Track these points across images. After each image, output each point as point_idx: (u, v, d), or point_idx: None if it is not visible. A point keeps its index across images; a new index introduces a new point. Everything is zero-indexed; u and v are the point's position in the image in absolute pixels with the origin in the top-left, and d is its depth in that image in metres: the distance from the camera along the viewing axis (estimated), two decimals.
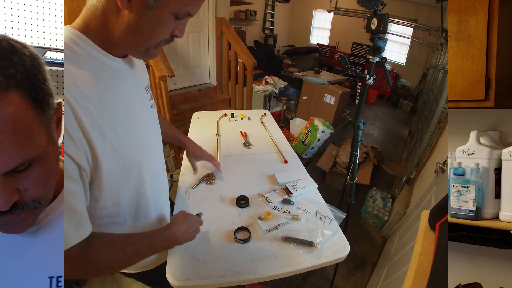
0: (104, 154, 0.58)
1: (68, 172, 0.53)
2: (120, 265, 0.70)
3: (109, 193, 0.65)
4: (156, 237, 0.74)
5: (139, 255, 0.69)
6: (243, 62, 2.92)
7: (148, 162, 0.73)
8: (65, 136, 0.51)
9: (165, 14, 0.56)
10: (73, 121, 0.52)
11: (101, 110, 0.57)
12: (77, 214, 0.56)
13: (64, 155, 0.52)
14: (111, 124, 0.60)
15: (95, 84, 0.57)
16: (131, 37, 0.58)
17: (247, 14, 6.38)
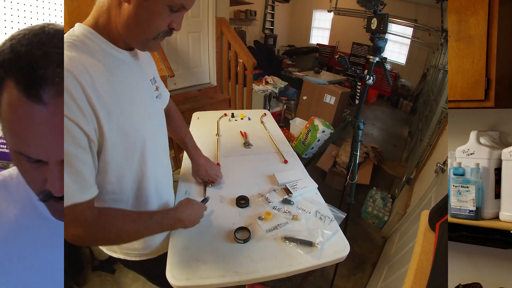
0: (109, 129, 0.63)
1: (77, 140, 0.57)
2: (129, 236, 0.74)
3: (113, 168, 0.68)
4: (164, 214, 0.81)
5: (147, 229, 0.76)
6: (243, 62, 2.92)
7: (151, 146, 0.77)
8: (75, 109, 0.56)
9: (160, 6, 0.60)
10: (82, 97, 0.57)
11: (108, 92, 0.62)
12: (82, 177, 0.60)
13: (74, 126, 0.56)
14: (117, 104, 0.64)
15: (104, 70, 0.63)
16: (131, 28, 0.63)
17: (247, 14, 6.39)
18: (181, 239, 0.87)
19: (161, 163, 0.87)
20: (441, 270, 0.80)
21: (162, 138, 0.87)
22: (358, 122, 1.70)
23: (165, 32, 0.65)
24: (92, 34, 0.64)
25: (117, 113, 0.64)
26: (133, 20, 0.61)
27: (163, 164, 0.89)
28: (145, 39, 0.65)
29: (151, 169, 0.79)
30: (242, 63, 2.94)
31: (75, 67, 0.57)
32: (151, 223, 0.76)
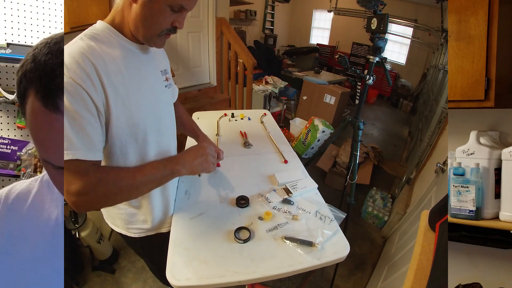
0: (115, 106, 0.71)
1: (88, 106, 0.65)
2: (128, 188, 0.75)
3: (118, 142, 0.76)
4: (165, 161, 0.83)
5: (145, 176, 0.77)
6: (243, 62, 2.92)
7: (155, 128, 0.85)
8: (88, 81, 0.65)
9: (162, 6, 0.70)
10: (94, 74, 0.66)
11: (118, 76, 0.72)
12: (90, 139, 0.67)
13: (85, 94, 0.64)
14: (124, 87, 0.73)
15: (118, 59, 0.73)
16: (138, 25, 0.73)
17: (247, 14, 6.38)
18: (181, 239, 0.87)
19: (166, 145, 0.93)
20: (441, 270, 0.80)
21: (168, 122, 0.95)
22: (358, 122, 1.70)
23: (168, 30, 0.75)
24: (110, 30, 0.75)
25: (123, 93, 0.72)
26: (139, 18, 0.71)
27: (169, 146, 0.95)
28: (150, 36, 0.75)
29: (154, 149, 0.86)
30: (242, 63, 2.94)
31: (91, 53, 0.67)
32: (153, 173, 0.78)
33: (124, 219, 0.95)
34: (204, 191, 1.09)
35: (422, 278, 0.86)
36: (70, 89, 0.63)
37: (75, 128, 0.64)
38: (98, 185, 0.69)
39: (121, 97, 0.72)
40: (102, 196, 0.71)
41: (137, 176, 0.76)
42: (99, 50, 0.69)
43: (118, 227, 0.99)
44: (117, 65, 0.72)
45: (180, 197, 1.06)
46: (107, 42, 0.73)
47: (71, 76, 0.63)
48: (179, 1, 0.70)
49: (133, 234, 0.98)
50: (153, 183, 0.80)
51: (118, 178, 0.73)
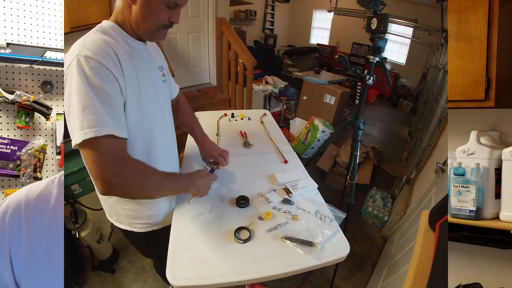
0: (130, 92, 0.78)
1: (117, 89, 0.73)
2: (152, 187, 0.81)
3: (128, 127, 0.79)
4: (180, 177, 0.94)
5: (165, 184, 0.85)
6: (243, 62, 2.92)
7: (158, 119, 0.92)
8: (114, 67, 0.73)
9: (158, 4, 0.78)
10: (116, 60, 0.74)
11: (129, 65, 0.79)
12: (119, 116, 0.74)
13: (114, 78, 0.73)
14: (135, 76, 0.81)
15: (125, 53, 0.79)
16: (139, 23, 0.81)
17: (247, 14, 6.38)
18: (181, 239, 0.87)
19: (167, 135, 1.00)
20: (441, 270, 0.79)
21: (167, 115, 1.01)
22: (358, 122, 1.70)
23: (166, 25, 0.83)
24: (116, 27, 0.83)
25: (134, 82, 0.80)
26: (139, 17, 0.79)
27: (169, 137, 1.02)
28: (151, 31, 0.83)
29: (159, 139, 0.93)
30: (242, 63, 2.94)
31: (111, 42, 0.76)
32: (171, 182, 0.87)
33: (130, 214, 0.97)
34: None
35: (422, 278, 0.86)
36: (100, 72, 0.69)
37: (107, 107, 0.70)
38: (136, 175, 0.76)
39: (132, 84, 0.79)
40: (136, 185, 0.77)
41: (166, 180, 0.85)
42: (114, 41, 0.78)
43: (123, 223, 1.00)
44: (128, 56, 0.80)
45: (181, 196, 1.06)
46: (115, 37, 0.81)
47: (99, 60, 0.69)
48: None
49: (138, 230, 1.00)
50: (171, 191, 0.91)
51: (152, 175, 0.80)
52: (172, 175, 0.90)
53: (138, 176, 0.76)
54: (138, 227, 1.00)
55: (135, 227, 1.00)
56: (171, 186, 0.87)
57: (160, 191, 0.85)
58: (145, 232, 1.01)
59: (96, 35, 0.76)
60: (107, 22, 0.83)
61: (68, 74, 0.70)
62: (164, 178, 0.84)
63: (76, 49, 0.71)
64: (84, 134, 0.66)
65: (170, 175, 0.89)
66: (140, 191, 0.80)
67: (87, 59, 0.69)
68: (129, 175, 0.73)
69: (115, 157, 0.71)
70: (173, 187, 0.88)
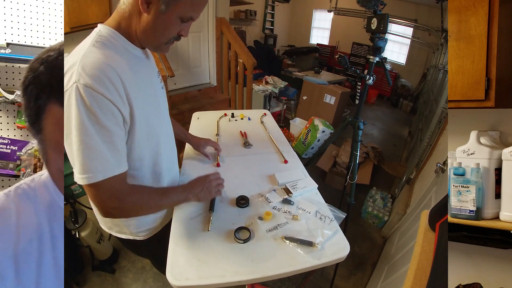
0: (137, 113, 0.76)
1: (117, 120, 0.70)
2: (155, 207, 0.88)
3: (137, 147, 0.81)
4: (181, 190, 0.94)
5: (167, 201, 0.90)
6: (243, 62, 2.92)
7: (163, 129, 0.93)
8: (116, 95, 0.68)
9: (173, 18, 0.73)
10: (121, 86, 0.70)
11: (134, 84, 0.75)
12: (119, 152, 0.73)
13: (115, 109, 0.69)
14: (140, 94, 0.77)
15: (128, 66, 0.76)
16: (148, 34, 0.76)
17: (247, 14, 6.38)
18: (181, 239, 0.87)
19: (170, 144, 1.02)
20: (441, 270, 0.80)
21: (168, 123, 1.02)
22: (358, 122, 1.70)
23: (175, 38, 0.80)
24: (116, 35, 0.76)
25: (141, 101, 0.77)
26: (150, 28, 0.74)
27: (171, 145, 1.03)
28: (159, 44, 0.79)
29: (164, 149, 0.94)
30: (242, 63, 2.94)
31: (114, 63, 0.70)
32: (174, 197, 0.91)
33: (133, 224, 0.98)
34: None
35: (422, 278, 0.86)
36: (102, 105, 0.65)
37: (108, 145, 0.68)
38: (135, 205, 0.80)
39: (140, 104, 0.77)
40: (133, 211, 0.84)
41: (163, 198, 0.88)
42: (117, 59, 0.73)
43: (126, 234, 1.01)
44: (131, 73, 0.75)
45: None
46: (116, 48, 0.75)
47: (101, 92, 0.65)
48: (190, 13, 0.74)
49: (142, 237, 1.02)
50: (169, 205, 0.95)
51: (148, 199, 0.83)
52: (168, 192, 0.92)
53: (134, 204, 0.80)
54: (142, 235, 1.01)
55: (139, 235, 1.01)
56: (167, 202, 0.91)
57: (158, 208, 0.92)
58: (148, 238, 1.02)
59: (96, 53, 0.69)
60: (106, 29, 0.75)
61: (67, 99, 0.63)
62: (160, 196, 0.87)
63: (75, 72, 0.64)
64: (87, 178, 0.68)
65: (167, 192, 0.91)
66: (138, 213, 0.87)
67: (88, 89, 0.63)
68: (125, 205, 0.78)
69: (112, 193, 0.73)
70: (170, 202, 0.92)
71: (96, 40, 0.72)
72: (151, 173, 0.92)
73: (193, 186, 0.96)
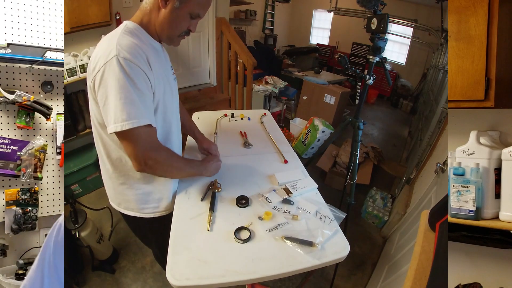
0: (157, 89, 0.90)
1: (149, 87, 0.86)
2: (177, 170, 1.02)
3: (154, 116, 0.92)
4: (197, 163, 1.13)
5: (186, 168, 1.06)
6: (243, 62, 2.92)
7: (174, 118, 1.07)
8: (147, 68, 0.84)
9: (184, 13, 0.89)
10: (147, 63, 0.85)
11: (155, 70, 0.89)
12: (151, 111, 0.88)
13: (147, 78, 0.85)
14: (159, 76, 0.91)
15: (152, 55, 0.89)
16: (164, 27, 0.91)
17: (247, 14, 6.39)
18: (181, 239, 0.87)
19: (177, 133, 1.13)
20: (441, 270, 0.80)
21: (177, 114, 1.14)
22: (358, 122, 1.70)
23: (185, 32, 0.95)
24: (139, 29, 0.91)
25: (159, 81, 0.91)
26: (166, 21, 0.89)
27: (178, 133, 1.14)
28: (173, 36, 0.94)
29: (173, 130, 1.06)
30: (242, 63, 2.94)
31: (141, 47, 0.85)
32: (193, 165, 1.08)
33: (140, 199, 1.06)
34: (204, 191, 1.09)
35: (422, 278, 0.86)
36: (138, 73, 0.81)
37: (143, 102, 0.83)
38: (167, 159, 0.95)
39: (159, 82, 0.91)
40: (165, 166, 0.95)
41: (186, 165, 1.06)
42: (143, 46, 0.86)
43: (132, 210, 1.08)
44: (155, 57, 0.90)
45: (181, 196, 1.06)
46: (139, 39, 0.89)
47: (137, 63, 0.80)
48: (197, 11, 0.90)
49: (146, 215, 1.09)
50: (189, 173, 1.09)
51: (178, 160, 1.01)
52: (190, 161, 1.11)
53: (168, 159, 0.95)
54: (146, 212, 1.08)
55: (143, 212, 1.08)
56: (190, 169, 1.07)
57: (182, 172, 1.06)
58: (152, 218, 1.09)
59: (128, 38, 0.84)
60: (131, 24, 0.90)
61: (106, 71, 0.79)
62: (186, 162, 1.07)
63: (114, 49, 0.79)
64: (128, 124, 0.80)
65: (189, 161, 1.10)
66: (167, 172, 0.99)
67: (127, 61, 0.79)
68: (160, 158, 0.91)
69: (150, 143, 0.87)
70: (191, 170, 1.07)
71: (125, 30, 0.87)
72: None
73: (206, 163, 1.14)
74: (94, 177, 2.53)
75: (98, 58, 0.82)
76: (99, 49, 0.84)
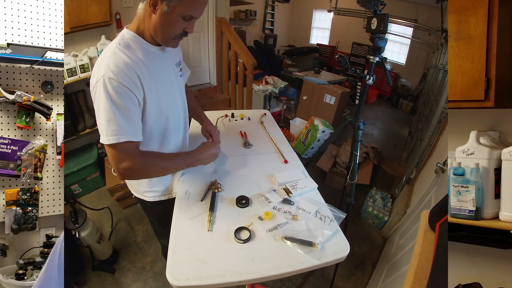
0: (149, 99, 0.95)
1: (133, 101, 0.89)
2: (162, 170, 1.04)
3: (147, 124, 0.99)
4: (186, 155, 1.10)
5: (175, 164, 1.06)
6: (243, 62, 2.92)
7: (174, 110, 1.10)
8: (132, 84, 0.88)
9: (175, 17, 0.88)
10: (136, 77, 0.89)
11: (148, 76, 0.93)
12: (136, 125, 0.92)
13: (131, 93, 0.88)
14: (153, 84, 0.96)
15: (144, 62, 0.93)
16: (157, 31, 0.92)
17: (247, 14, 6.38)
18: (181, 239, 0.88)
19: (179, 119, 1.15)
20: (441, 270, 0.80)
21: (182, 104, 1.17)
22: (358, 122, 1.70)
23: (181, 34, 0.94)
24: (135, 37, 0.94)
25: (153, 89, 0.95)
26: (158, 26, 0.90)
27: (180, 119, 1.16)
28: (167, 39, 0.94)
29: (171, 125, 1.09)
30: (242, 63, 2.94)
31: (131, 62, 0.89)
32: (178, 161, 1.06)
33: (146, 184, 1.17)
34: (204, 191, 1.09)
35: (422, 278, 0.86)
36: (120, 91, 0.85)
37: (126, 118, 0.88)
38: (144, 166, 0.96)
39: (152, 91, 0.95)
40: (144, 173, 1.02)
41: (170, 163, 1.04)
42: (134, 58, 0.91)
43: (139, 192, 1.22)
44: (146, 68, 0.93)
45: (181, 196, 1.06)
46: (135, 48, 0.93)
47: (119, 81, 0.85)
48: (189, 13, 0.89)
49: (149, 199, 1.20)
50: (176, 169, 1.12)
51: (158, 163, 1.00)
52: (175, 157, 1.06)
53: (145, 165, 0.97)
54: (149, 196, 1.20)
55: (146, 195, 1.20)
56: (174, 166, 1.07)
57: (168, 170, 1.08)
58: (154, 201, 1.21)
59: (119, 55, 0.88)
60: (128, 33, 0.94)
61: (96, 89, 0.86)
62: (172, 160, 1.04)
63: (103, 69, 0.85)
64: (108, 140, 0.87)
65: (174, 158, 1.06)
66: (147, 174, 1.06)
67: (110, 80, 0.84)
68: (136, 166, 0.94)
69: (127, 155, 0.91)
70: (176, 167, 1.08)
71: (119, 42, 0.91)
72: (159, 144, 1.08)
73: (197, 155, 1.10)
74: (94, 177, 2.53)
75: (94, 74, 0.89)
76: (97, 64, 0.91)
